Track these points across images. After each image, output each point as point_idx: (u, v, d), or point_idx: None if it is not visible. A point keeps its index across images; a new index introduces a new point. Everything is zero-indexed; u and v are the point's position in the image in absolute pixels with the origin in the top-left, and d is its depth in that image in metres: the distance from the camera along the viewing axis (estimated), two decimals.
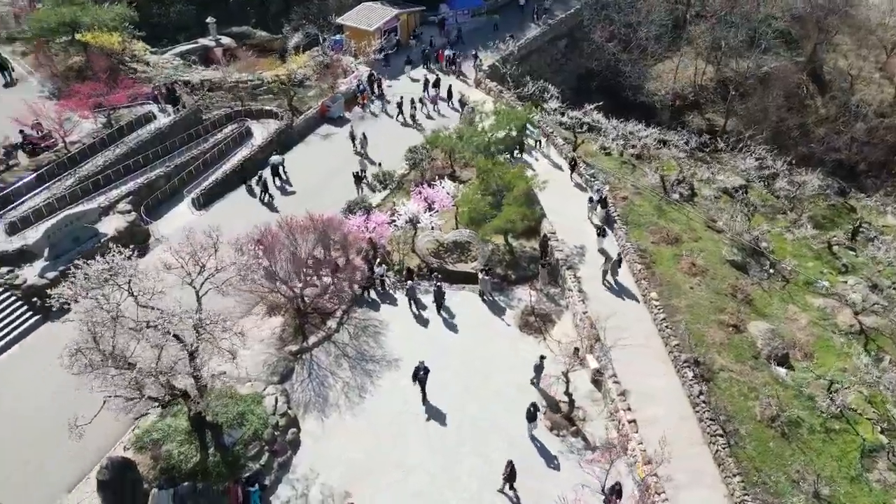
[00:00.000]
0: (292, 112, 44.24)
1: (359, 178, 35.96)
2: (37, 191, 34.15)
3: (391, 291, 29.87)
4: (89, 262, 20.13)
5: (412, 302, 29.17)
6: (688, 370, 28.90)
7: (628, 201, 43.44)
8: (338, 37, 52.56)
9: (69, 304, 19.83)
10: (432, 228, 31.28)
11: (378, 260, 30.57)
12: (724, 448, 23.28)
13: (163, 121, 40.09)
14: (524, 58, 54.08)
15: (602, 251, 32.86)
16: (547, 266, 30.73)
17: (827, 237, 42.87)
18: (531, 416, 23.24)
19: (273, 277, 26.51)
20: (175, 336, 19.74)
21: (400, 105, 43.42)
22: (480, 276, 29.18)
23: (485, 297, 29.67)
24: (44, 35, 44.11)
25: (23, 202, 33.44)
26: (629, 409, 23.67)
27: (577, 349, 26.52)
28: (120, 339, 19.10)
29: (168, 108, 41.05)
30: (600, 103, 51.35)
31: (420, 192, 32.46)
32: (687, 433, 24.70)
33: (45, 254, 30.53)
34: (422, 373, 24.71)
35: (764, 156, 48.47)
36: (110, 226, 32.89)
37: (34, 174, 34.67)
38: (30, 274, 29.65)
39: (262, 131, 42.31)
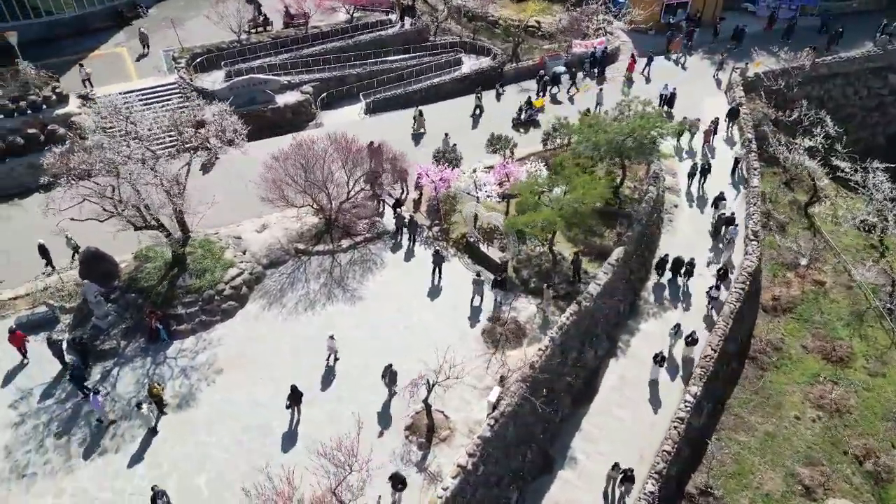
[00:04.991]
0: (512, 58, 44.23)
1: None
2: (264, 53, 42.01)
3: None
4: None
5: (399, 232, 30.31)
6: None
7: (821, 290, 33.98)
8: None
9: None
10: (482, 201, 29.76)
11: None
12: None
13: (390, 30, 44.32)
14: (821, 79, 43.37)
15: (653, 383, 26.16)
16: (554, 288, 26.95)
17: None
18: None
19: (310, 182, 28.98)
20: (153, 169, 24.19)
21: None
22: (474, 276, 27.14)
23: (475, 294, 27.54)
24: None
25: (250, 59, 41.63)
26: (470, 455, 20.78)
27: (503, 377, 23.69)
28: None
29: (401, 20, 44.90)
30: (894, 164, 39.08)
31: (504, 167, 30.89)
32: None
33: (227, 102, 38.12)
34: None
35: None
36: (283, 99, 39.11)
37: (272, 41, 42.56)
38: (210, 111, 37.54)
39: (471, 65, 43.64)
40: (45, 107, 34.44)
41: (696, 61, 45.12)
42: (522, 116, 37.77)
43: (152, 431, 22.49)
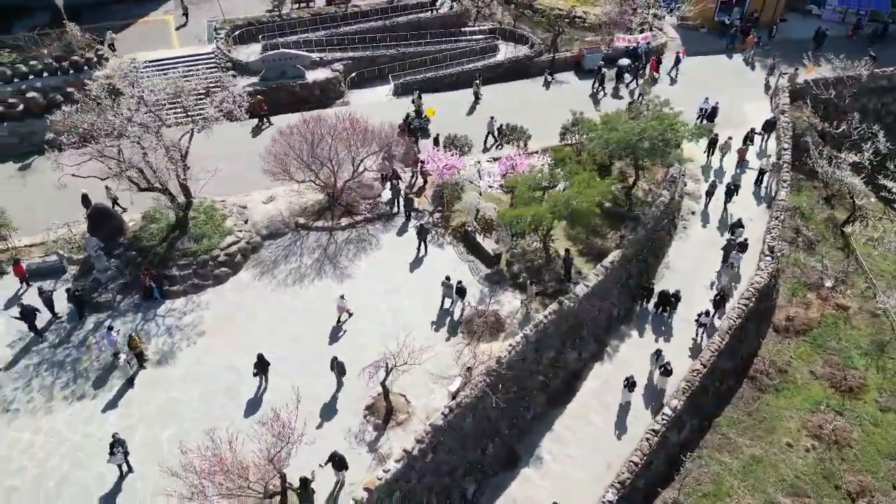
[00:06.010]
0: (550, 48, 43.30)
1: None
2: (302, 29, 42.67)
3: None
4: None
5: (395, 201, 31.05)
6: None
7: (843, 314, 32.10)
8: None
9: None
10: (484, 192, 29.47)
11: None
12: None
13: (429, 13, 44.12)
14: (879, 91, 40.52)
15: (624, 407, 24.98)
16: (542, 285, 26.44)
17: None
18: None
19: (314, 158, 29.38)
20: (157, 135, 25.19)
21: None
22: (443, 279, 26.52)
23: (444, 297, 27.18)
24: None
25: (288, 34, 42.37)
26: (419, 441, 20.82)
27: (469, 368, 23.58)
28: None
29: (433, 4, 44.61)
30: None
31: (510, 158, 30.48)
32: None
33: (259, 75, 39.09)
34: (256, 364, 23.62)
35: None
36: (314, 75, 39.70)
37: (311, 17, 43.18)
38: (241, 83, 38.52)
39: (506, 53, 43.04)
40: (86, 68, 36.22)
41: (744, 64, 43.08)
42: (412, 124, 35.26)
43: (129, 383, 23.60)
